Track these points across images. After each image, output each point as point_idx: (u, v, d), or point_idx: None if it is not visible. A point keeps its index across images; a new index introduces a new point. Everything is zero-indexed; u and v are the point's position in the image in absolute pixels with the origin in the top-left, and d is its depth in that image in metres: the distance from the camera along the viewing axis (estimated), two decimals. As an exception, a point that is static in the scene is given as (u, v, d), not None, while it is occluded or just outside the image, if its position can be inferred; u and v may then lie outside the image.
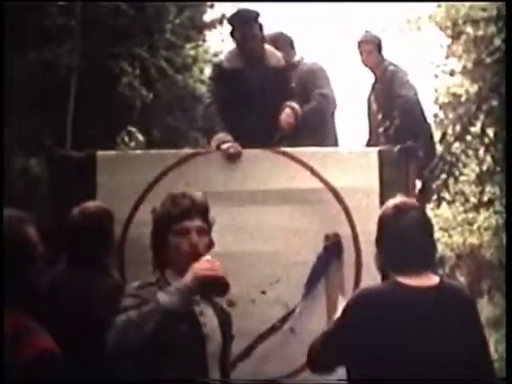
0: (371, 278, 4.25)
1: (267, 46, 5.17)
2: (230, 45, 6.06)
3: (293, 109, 4.96)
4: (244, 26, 5.00)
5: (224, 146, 4.56)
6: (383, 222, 2.99)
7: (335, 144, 5.50)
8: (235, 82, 4.93)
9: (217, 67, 5.19)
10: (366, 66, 6.43)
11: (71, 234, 3.85)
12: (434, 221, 9.02)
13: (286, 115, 4.93)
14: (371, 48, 6.35)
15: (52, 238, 4.02)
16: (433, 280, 2.94)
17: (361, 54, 6.40)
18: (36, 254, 2.29)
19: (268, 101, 4.93)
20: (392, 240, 2.95)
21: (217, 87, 5.06)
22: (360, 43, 6.39)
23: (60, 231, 3.96)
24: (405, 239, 2.92)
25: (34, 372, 2.09)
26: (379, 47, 6.37)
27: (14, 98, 6.73)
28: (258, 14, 5.06)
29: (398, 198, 3.04)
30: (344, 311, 2.88)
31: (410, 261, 2.92)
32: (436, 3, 12.44)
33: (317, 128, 5.12)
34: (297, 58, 5.71)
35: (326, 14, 51.79)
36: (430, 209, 7.62)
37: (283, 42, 5.61)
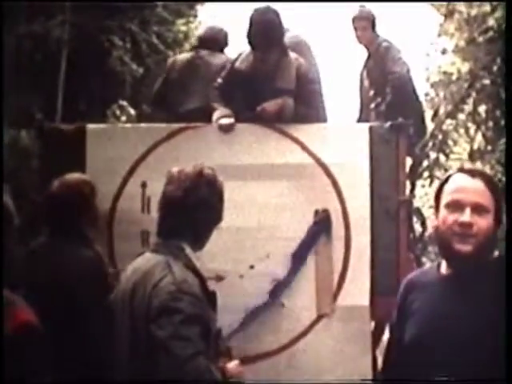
0: (360, 253, 4.28)
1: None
2: (221, 21, 5.97)
3: (284, 104, 4.57)
4: (264, 49, 4.61)
5: (221, 120, 4.52)
6: None
7: (324, 118, 5.39)
8: (243, 83, 4.70)
9: (231, 65, 4.84)
10: (360, 41, 6.41)
11: (51, 204, 3.83)
12: (425, 199, 8.95)
13: (274, 103, 4.55)
14: (365, 24, 6.33)
15: (40, 211, 4.03)
16: None
17: (355, 29, 6.37)
18: (13, 224, 2.27)
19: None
20: None
21: (226, 80, 4.82)
22: (354, 19, 6.37)
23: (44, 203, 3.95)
24: None
25: (15, 344, 2.08)
26: (373, 23, 6.35)
27: (3, 71, 6.67)
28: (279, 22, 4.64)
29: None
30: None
31: None
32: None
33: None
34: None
35: (319, -9, 51.38)
36: (421, 186, 7.64)
37: None
